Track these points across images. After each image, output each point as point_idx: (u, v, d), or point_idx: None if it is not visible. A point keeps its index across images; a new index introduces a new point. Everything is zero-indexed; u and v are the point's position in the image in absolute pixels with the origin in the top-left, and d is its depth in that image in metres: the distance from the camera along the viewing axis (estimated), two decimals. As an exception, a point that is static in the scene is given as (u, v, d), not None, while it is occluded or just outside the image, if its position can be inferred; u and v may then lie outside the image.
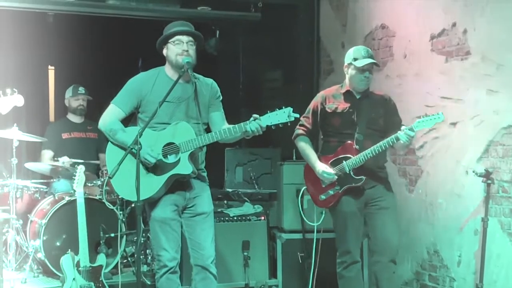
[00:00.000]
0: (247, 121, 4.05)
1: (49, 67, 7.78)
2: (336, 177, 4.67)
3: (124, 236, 5.90)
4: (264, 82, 8.19)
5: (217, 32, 7.44)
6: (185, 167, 4.07)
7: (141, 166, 3.93)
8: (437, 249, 5.47)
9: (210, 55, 7.50)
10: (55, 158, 6.42)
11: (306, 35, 7.30)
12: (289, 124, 4.07)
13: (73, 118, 6.89)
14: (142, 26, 7.38)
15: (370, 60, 4.64)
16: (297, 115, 4.08)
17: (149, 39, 7.47)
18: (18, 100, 4.42)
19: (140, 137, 3.86)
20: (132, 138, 4.01)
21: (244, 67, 8.26)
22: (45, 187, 6.38)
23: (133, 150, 3.88)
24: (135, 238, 6.06)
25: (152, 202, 4.15)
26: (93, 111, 7.16)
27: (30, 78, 7.45)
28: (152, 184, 4.06)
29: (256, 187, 6.45)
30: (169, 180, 4.08)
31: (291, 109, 4.02)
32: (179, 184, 4.16)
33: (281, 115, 4.01)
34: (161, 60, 4.47)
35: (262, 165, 6.77)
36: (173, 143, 4.10)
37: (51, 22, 7.43)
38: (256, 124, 4.01)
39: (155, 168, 4.08)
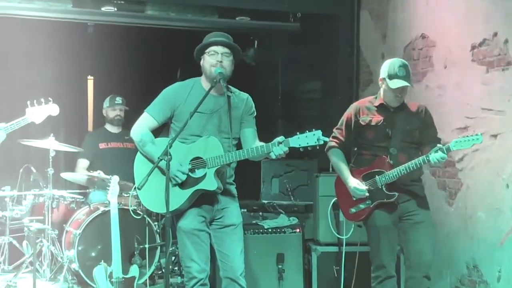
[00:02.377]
0: (275, 141, 3.98)
1: (88, 77, 7.82)
2: (368, 193, 4.56)
3: (159, 247, 5.87)
4: (302, 93, 8.11)
5: (256, 42, 7.40)
6: (210, 183, 4.03)
7: (166, 178, 3.87)
8: (476, 264, 5.30)
9: (248, 65, 7.46)
10: (90, 171, 6.43)
11: (345, 46, 7.21)
12: (317, 148, 4.00)
13: (111, 128, 6.92)
14: (180, 36, 7.39)
15: (404, 83, 4.51)
16: (326, 139, 4.06)
17: (187, 49, 7.54)
18: (52, 109, 4.41)
19: (170, 148, 3.81)
20: (160, 150, 3.97)
21: (282, 77, 8.20)
22: (81, 197, 6.40)
23: (163, 161, 3.83)
24: (171, 249, 6.02)
25: (179, 214, 4.10)
26: (131, 121, 7.18)
27: (69, 88, 7.51)
28: (177, 198, 4.02)
29: (292, 199, 6.36)
30: (193, 195, 4.05)
31: (321, 132, 3.97)
32: (205, 197, 4.11)
33: (311, 138, 3.95)
34: (199, 71, 4.44)
35: (298, 176, 6.68)
36: (201, 158, 4.05)
37: (90, 33, 7.52)
38: (280, 150, 3.95)
39: (182, 182, 4.03)
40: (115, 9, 6.78)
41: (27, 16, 6.47)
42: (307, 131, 3.96)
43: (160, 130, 4.37)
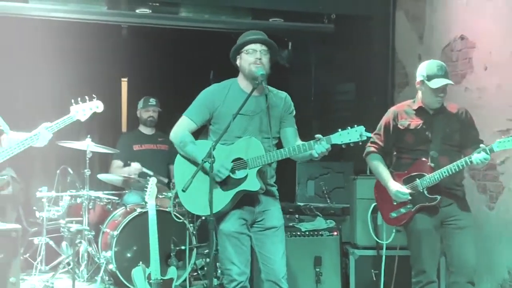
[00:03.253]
0: (316, 140, 3.94)
1: (122, 79, 7.85)
2: (410, 197, 4.51)
3: (195, 249, 5.86)
4: (336, 95, 8.05)
5: (290, 44, 7.36)
6: (252, 184, 3.99)
7: (210, 180, 3.85)
8: (518, 269, 5.23)
9: (282, 67, 7.43)
10: (122, 175, 6.45)
11: (380, 47, 7.14)
12: (360, 144, 3.94)
13: (144, 129, 6.94)
14: (213, 38, 7.38)
15: (446, 81, 4.45)
16: (369, 134, 3.97)
17: (220, 51, 7.54)
18: (97, 105, 4.39)
19: (213, 150, 3.79)
20: (202, 151, 3.96)
21: (315, 79, 8.15)
22: (117, 198, 6.42)
23: (206, 163, 3.81)
24: (206, 251, 6.02)
25: (220, 216, 4.08)
26: (165, 123, 7.20)
27: (104, 89, 7.49)
28: (219, 199, 3.98)
29: (329, 201, 6.31)
30: (236, 196, 4.01)
31: (364, 128, 3.90)
32: (247, 199, 4.08)
33: (353, 134, 3.89)
34: (233, 72, 4.41)
35: (334, 179, 6.62)
36: (242, 159, 4.03)
37: (124, 35, 7.54)
38: (322, 147, 3.91)
39: (223, 183, 4.02)
40: (150, 11, 6.77)
41: (61, 18, 6.49)
42: (349, 127, 3.90)
43: (199, 133, 4.35)
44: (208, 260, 6.18)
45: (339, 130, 3.91)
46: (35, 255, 6.18)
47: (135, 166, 6.51)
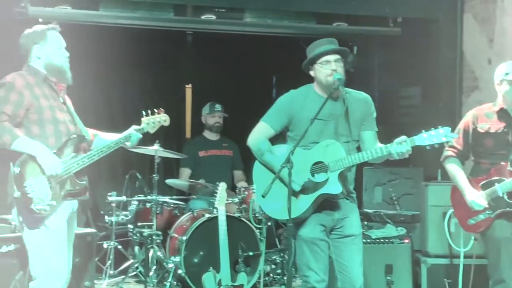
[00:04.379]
0: (398, 141, 3.87)
1: (186, 85, 7.89)
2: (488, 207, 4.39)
3: (263, 255, 5.84)
4: (400, 99, 7.93)
5: (355, 48, 7.29)
6: (334, 187, 3.94)
7: (288, 186, 3.82)
8: None
9: (346, 71, 7.34)
10: (191, 180, 6.49)
11: (447, 51, 6.99)
12: (445, 145, 3.86)
13: (209, 135, 6.98)
14: (277, 43, 7.38)
15: None
16: (455, 135, 3.89)
17: (283, 56, 7.58)
18: (165, 119, 4.44)
19: (292, 155, 3.77)
20: (278, 159, 3.94)
21: (379, 83, 8.04)
22: (184, 203, 6.46)
23: (285, 169, 3.78)
24: (273, 256, 6.00)
25: (300, 221, 4.03)
26: (229, 128, 7.23)
27: (168, 96, 7.60)
28: (300, 204, 3.94)
29: (398, 208, 6.21)
30: (317, 199, 3.96)
31: (450, 128, 3.83)
32: (327, 205, 4.03)
33: (438, 135, 3.82)
34: (296, 77, 4.39)
35: (403, 185, 6.50)
36: (322, 162, 3.98)
37: (189, 41, 7.60)
38: (404, 148, 3.84)
39: (304, 188, 3.97)
40: (215, 17, 6.80)
41: (130, 25, 6.55)
42: (433, 128, 3.83)
43: (275, 138, 4.32)
44: (274, 267, 6.19)
45: (423, 131, 3.84)
46: (103, 259, 6.25)
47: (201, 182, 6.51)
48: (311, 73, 4.18)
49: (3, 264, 4.47)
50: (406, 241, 5.53)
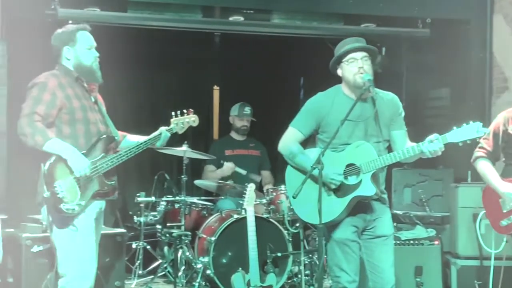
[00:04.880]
0: (430, 139, 3.84)
1: (214, 87, 7.91)
2: None
3: (291, 256, 5.83)
4: (429, 101, 7.87)
5: (383, 49, 7.25)
6: (368, 189, 3.92)
7: (319, 186, 3.80)
8: None
9: (374, 72, 7.31)
10: (219, 181, 6.50)
11: (477, 51, 6.94)
12: (477, 140, 3.84)
13: (236, 136, 7.00)
14: (304, 44, 7.37)
15: None
16: (487, 130, 3.86)
17: (311, 57, 7.56)
18: (194, 120, 4.45)
19: (322, 156, 3.75)
20: (311, 160, 3.92)
21: (407, 84, 7.99)
22: (211, 204, 6.47)
23: (316, 169, 3.76)
24: (301, 258, 5.98)
25: (332, 224, 4.01)
26: (256, 129, 7.23)
27: (196, 97, 7.62)
28: (334, 207, 3.93)
29: (428, 209, 6.16)
30: (351, 202, 3.94)
31: (481, 123, 3.79)
32: (360, 206, 4.01)
33: (470, 131, 3.79)
34: (324, 79, 4.35)
35: (432, 186, 6.44)
36: (354, 164, 3.96)
37: (217, 43, 7.62)
38: (436, 146, 3.81)
39: (336, 190, 3.96)
40: (243, 18, 6.81)
41: (158, 27, 6.57)
42: (464, 124, 3.80)
43: (305, 142, 4.30)
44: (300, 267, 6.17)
45: (454, 127, 3.82)
46: (132, 259, 6.29)
47: (229, 165, 6.55)
48: (338, 72, 4.15)
49: (34, 263, 4.51)
50: (436, 242, 5.49)
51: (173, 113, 4.37)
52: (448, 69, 7.27)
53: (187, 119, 4.41)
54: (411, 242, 5.44)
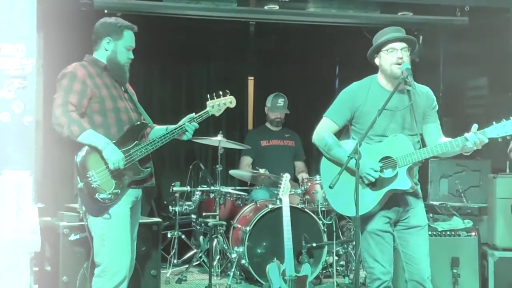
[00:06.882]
0: (471, 134, 3.77)
1: (249, 77, 7.88)
2: None
3: (326, 246, 5.81)
4: (467, 90, 7.75)
5: (420, 38, 7.16)
6: (403, 182, 3.87)
7: (356, 177, 3.75)
8: None
9: (411, 61, 7.21)
10: (256, 168, 6.48)
11: (517, 40, 6.81)
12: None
13: (271, 126, 6.99)
14: (340, 32, 7.31)
15: None
16: None
17: (347, 46, 7.49)
18: (231, 101, 4.40)
19: (359, 146, 3.71)
20: (347, 152, 3.85)
21: (444, 74, 7.87)
22: (246, 194, 6.48)
23: (353, 160, 3.72)
24: (336, 248, 5.96)
25: (366, 216, 3.97)
26: (291, 118, 7.20)
27: (231, 87, 7.54)
28: (368, 200, 3.89)
29: (465, 200, 6.07)
30: (386, 195, 3.89)
31: None
32: (393, 199, 3.96)
33: (509, 126, 3.71)
34: (359, 68, 4.32)
35: (469, 177, 6.34)
36: (390, 157, 3.91)
37: (252, 31, 7.59)
38: (476, 138, 3.74)
39: (372, 183, 3.91)
40: (278, 7, 6.76)
41: (194, 16, 6.56)
42: (504, 119, 3.72)
43: (339, 133, 4.26)
44: (337, 258, 6.14)
45: (494, 123, 3.74)
46: (167, 248, 6.32)
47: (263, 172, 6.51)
48: (376, 61, 4.09)
49: (72, 252, 4.54)
50: (473, 233, 5.39)
51: (208, 95, 4.33)
52: (487, 58, 7.13)
53: (223, 101, 4.36)
54: (448, 233, 5.36)
